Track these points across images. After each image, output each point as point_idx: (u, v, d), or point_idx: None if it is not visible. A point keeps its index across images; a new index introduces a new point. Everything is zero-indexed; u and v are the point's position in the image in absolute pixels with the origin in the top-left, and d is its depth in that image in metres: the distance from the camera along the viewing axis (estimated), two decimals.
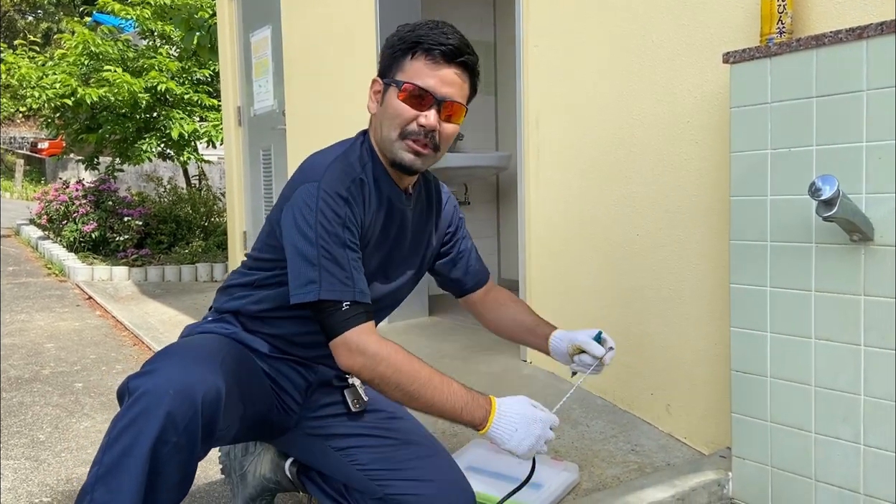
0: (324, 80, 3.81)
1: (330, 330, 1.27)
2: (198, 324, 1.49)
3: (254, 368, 1.39)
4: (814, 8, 1.57)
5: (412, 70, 1.35)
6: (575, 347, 1.53)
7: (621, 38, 2.10)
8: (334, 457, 1.45)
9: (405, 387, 1.26)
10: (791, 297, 1.47)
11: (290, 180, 1.39)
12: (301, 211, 1.30)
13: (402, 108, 1.35)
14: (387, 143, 1.39)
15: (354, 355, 1.26)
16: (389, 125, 1.38)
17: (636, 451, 1.90)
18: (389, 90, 1.38)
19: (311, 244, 1.28)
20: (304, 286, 1.27)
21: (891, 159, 1.31)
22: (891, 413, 1.34)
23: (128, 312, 4.04)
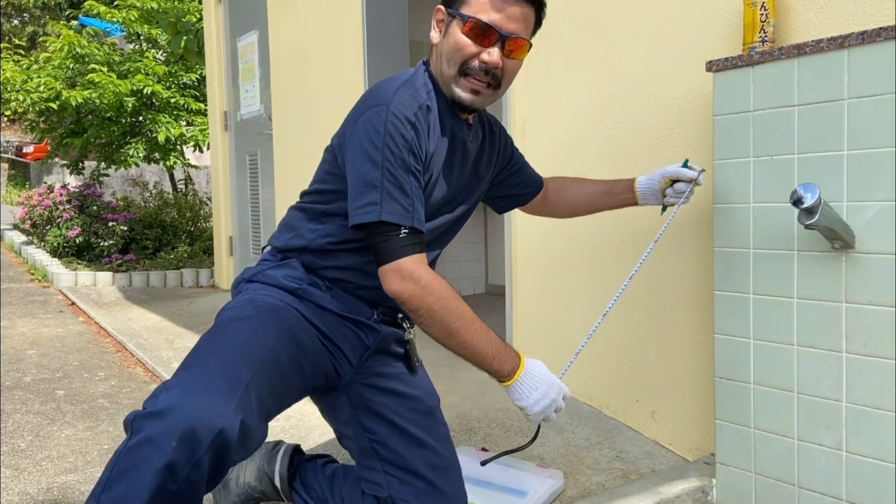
0: (311, 85, 3.80)
1: (384, 255, 1.26)
2: (257, 270, 1.44)
3: (302, 347, 1.32)
4: (796, 17, 1.59)
5: (478, 4, 1.31)
6: (667, 181, 1.59)
7: (608, 47, 2.11)
8: (361, 434, 1.45)
9: (448, 322, 1.26)
10: (774, 304, 1.48)
11: (355, 107, 1.35)
12: (368, 133, 1.27)
13: (465, 43, 1.32)
14: (446, 78, 1.37)
15: (406, 282, 1.24)
16: (449, 59, 1.35)
17: (621, 458, 1.90)
18: (453, 22, 1.34)
19: (375, 166, 1.25)
20: (364, 207, 1.25)
21: (871, 167, 1.32)
22: (873, 420, 1.35)
23: (111, 318, 4.00)
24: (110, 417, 2.47)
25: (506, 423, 2.15)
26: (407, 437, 1.44)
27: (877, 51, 1.30)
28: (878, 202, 1.31)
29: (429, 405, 1.52)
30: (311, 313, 1.37)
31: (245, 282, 1.45)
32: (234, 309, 1.33)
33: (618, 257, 2.11)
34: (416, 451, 1.44)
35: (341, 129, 1.38)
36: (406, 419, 1.46)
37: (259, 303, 1.34)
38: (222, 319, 1.31)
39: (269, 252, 1.49)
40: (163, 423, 1.03)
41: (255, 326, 1.27)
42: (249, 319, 1.29)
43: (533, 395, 1.30)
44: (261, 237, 4.54)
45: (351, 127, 1.32)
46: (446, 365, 2.71)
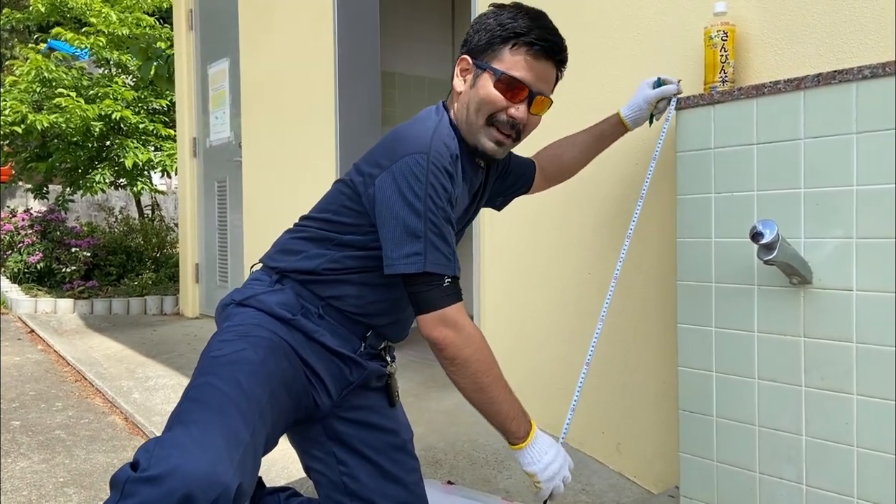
0: (282, 114, 3.80)
1: (427, 303, 1.28)
2: (249, 293, 1.39)
3: (289, 387, 1.30)
4: (755, 59, 1.64)
5: (511, 61, 1.35)
6: (653, 104, 1.65)
7: (571, 84, 2.15)
8: (333, 467, 1.43)
9: (480, 376, 1.29)
10: (735, 337, 1.50)
11: (385, 150, 1.34)
12: (409, 182, 1.27)
13: (496, 97, 1.35)
14: (472, 127, 1.39)
15: (447, 329, 1.27)
16: (478, 110, 1.37)
17: (586, 491, 1.90)
18: (484, 75, 1.37)
19: (418, 216, 1.26)
20: (409, 257, 1.26)
21: (828, 205, 1.35)
22: (832, 453, 1.37)
23: (71, 347, 3.91)
24: (67, 449, 2.40)
25: (472, 456, 2.13)
26: (379, 471, 1.43)
27: (831, 92, 1.34)
28: (834, 239, 1.35)
29: (403, 439, 1.52)
30: (299, 344, 1.35)
31: (236, 304, 1.41)
32: (229, 344, 1.29)
33: (584, 290, 2.13)
34: (387, 487, 1.43)
35: (366, 168, 1.36)
36: (379, 452, 1.45)
37: (253, 339, 1.30)
38: (217, 357, 1.26)
39: (261, 272, 1.46)
40: (159, 490, 0.98)
41: (251, 371, 1.23)
42: (246, 363, 1.24)
43: (543, 458, 1.33)
44: (227, 264, 4.49)
45: (386, 172, 1.30)
46: (413, 395, 2.69)
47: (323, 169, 3.43)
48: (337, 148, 3.34)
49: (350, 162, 3.45)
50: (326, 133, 3.38)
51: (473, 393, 1.31)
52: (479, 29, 1.39)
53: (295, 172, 3.68)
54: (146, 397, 2.90)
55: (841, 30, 1.49)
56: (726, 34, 1.60)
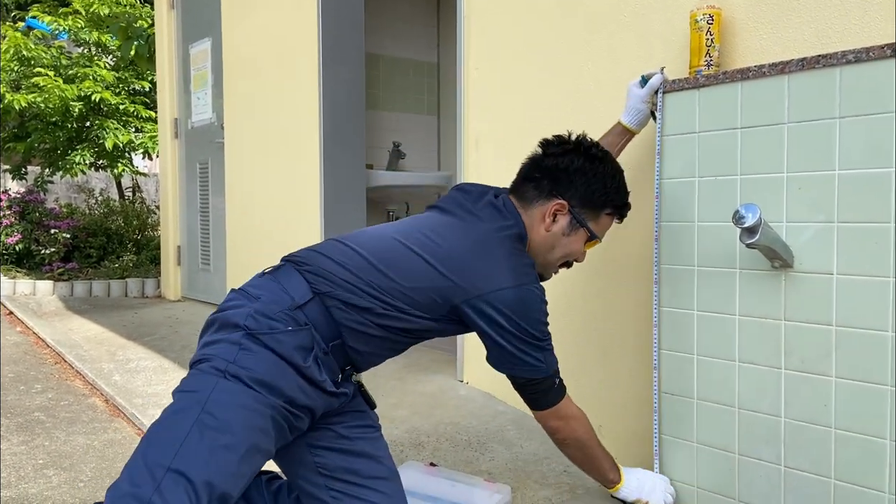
0: (264, 95, 3.76)
1: (544, 402, 1.47)
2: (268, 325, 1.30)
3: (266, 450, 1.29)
4: (740, 43, 1.64)
5: (604, 224, 1.53)
6: (650, 101, 1.68)
7: (557, 67, 2.14)
8: (306, 455, 1.43)
9: (587, 449, 1.54)
10: (717, 321, 1.52)
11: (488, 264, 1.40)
12: (526, 314, 1.39)
13: (579, 250, 1.53)
14: (548, 264, 1.54)
15: (561, 421, 1.49)
16: (560, 253, 1.52)
17: (568, 473, 1.91)
18: (580, 231, 1.50)
19: (539, 340, 1.41)
20: (531, 367, 1.42)
21: (810, 190, 1.36)
22: (810, 435, 1.38)
23: (50, 329, 3.87)
24: (46, 431, 2.38)
25: (455, 438, 2.14)
26: (351, 452, 1.44)
27: (815, 77, 1.35)
28: (816, 223, 1.36)
29: (375, 429, 1.53)
30: (300, 392, 1.31)
31: (247, 334, 1.30)
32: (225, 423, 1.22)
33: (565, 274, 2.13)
34: (360, 463, 1.44)
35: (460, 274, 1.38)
36: (352, 436, 1.46)
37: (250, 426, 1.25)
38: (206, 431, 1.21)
39: (279, 283, 1.38)
40: None
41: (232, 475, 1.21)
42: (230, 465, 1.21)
43: (641, 486, 1.59)
44: (210, 247, 4.45)
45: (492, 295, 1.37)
46: (397, 378, 2.69)
47: (306, 151, 3.40)
48: (321, 130, 3.32)
49: (334, 143, 3.43)
50: (310, 115, 3.35)
51: (582, 461, 1.57)
52: (585, 184, 1.48)
53: (278, 154, 3.64)
54: (127, 379, 2.88)
55: (826, 14, 1.49)
56: (712, 18, 1.60)
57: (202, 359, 1.30)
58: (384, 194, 3.92)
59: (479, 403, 2.41)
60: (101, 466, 2.10)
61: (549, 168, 1.50)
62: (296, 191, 3.48)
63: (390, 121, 4.20)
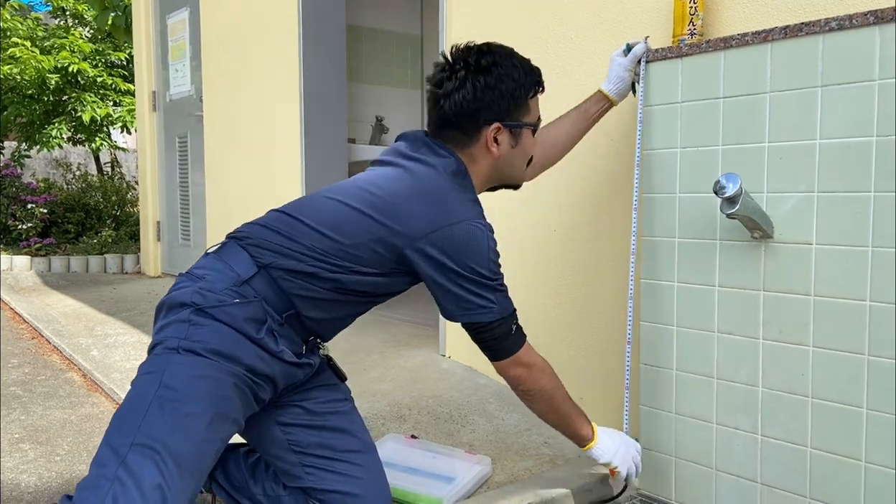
0: (243, 66, 3.69)
1: (502, 351, 1.40)
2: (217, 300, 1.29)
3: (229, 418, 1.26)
4: (724, 11, 1.62)
5: (535, 108, 1.49)
6: (632, 70, 1.64)
7: (540, 35, 2.12)
8: (277, 432, 1.42)
9: (554, 401, 1.47)
10: (697, 292, 1.51)
11: (429, 207, 1.35)
12: (473, 252, 1.34)
13: (532, 144, 1.51)
14: (517, 176, 1.54)
15: (521, 369, 1.42)
16: (523, 161, 1.51)
17: (548, 444, 1.92)
18: (523, 132, 1.47)
19: (488, 279, 1.35)
20: (481, 309, 1.36)
21: (791, 160, 1.35)
22: (786, 404, 1.39)
23: (28, 304, 3.82)
24: (23, 406, 2.35)
25: (436, 411, 2.14)
26: (322, 422, 1.44)
27: (798, 45, 1.33)
28: (796, 193, 1.35)
29: (342, 394, 1.53)
30: (258, 360, 1.30)
31: (196, 310, 1.29)
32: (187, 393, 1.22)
33: (550, 246, 2.13)
34: (334, 438, 1.44)
35: (400, 220, 1.34)
36: (319, 406, 1.46)
37: (213, 395, 1.24)
38: (167, 404, 1.20)
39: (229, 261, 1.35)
40: None
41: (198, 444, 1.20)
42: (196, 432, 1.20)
43: (612, 447, 1.53)
44: (190, 222, 4.40)
45: (436, 235, 1.33)
46: (379, 353, 2.69)
47: (286, 124, 3.35)
48: (301, 103, 3.27)
49: (315, 117, 3.38)
50: (291, 88, 3.30)
51: (549, 414, 1.49)
52: (503, 95, 1.42)
53: (258, 128, 3.59)
54: (105, 354, 2.85)
55: None
56: None
57: (156, 343, 1.30)
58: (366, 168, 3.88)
59: (461, 377, 2.41)
60: (78, 441, 2.08)
61: (459, 110, 1.41)
62: (276, 165, 3.43)
63: (373, 94, 4.15)
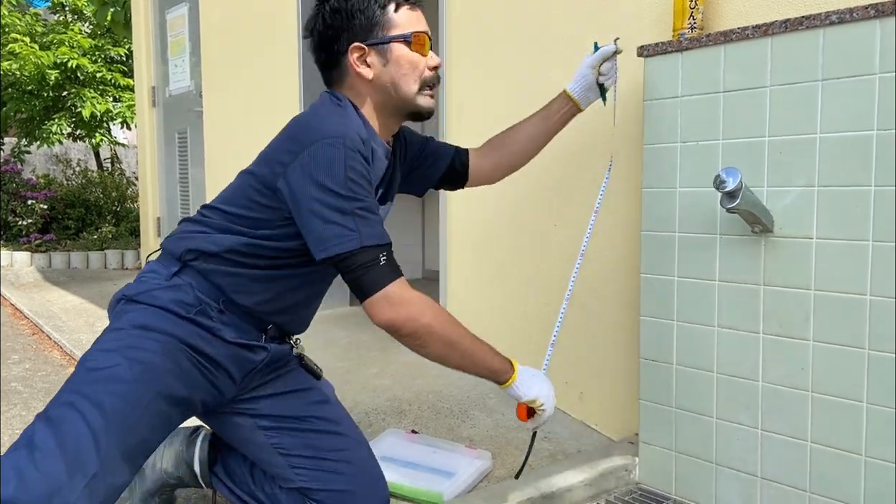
0: (243, 61, 3.68)
1: (368, 287, 1.22)
2: (143, 288, 1.31)
3: (175, 397, 1.25)
4: (724, 4, 1.61)
5: (405, 21, 1.36)
6: (596, 70, 1.59)
7: (540, 29, 2.11)
8: (260, 437, 1.41)
9: (448, 336, 1.27)
10: (697, 286, 1.51)
11: (291, 139, 1.30)
12: (328, 168, 1.22)
13: (418, 59, 1.37)
14: (408, 98, 1.38)
15: (398, 308, 1.22)
16: (409, 81, 1.37)
17: (549, 439, 1.92)
18: (393, 47, 1.35)
19: (344, 199, 1.21)
20: (340, 237, 1.21)
21: (791, 154, 1.35)
22: (787, 399, 1.39)
23: (28, 300, 3.82)
24: (24, 401, 2.35)
25: (436, 406, 2.14)
26: (305, 426, 1.42)
27: (799, 39, 1.33)
28: (796, 188, 1.35)
29: (324, 393, 1.51)
30: (193, 336, 1.29)
31: (127, 300, 1.31)
32: (105, 356, 1.23)
33: (549, 242, 2.12)
34: (317, 438, 1.41)
35: (273, 159, 1.30)
36: (300, 409, 1.43)
37: (131, 353, 1.23)
38: (91, 370, 1.21)
39: (158, 262, 1.37)
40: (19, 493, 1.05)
41: (121, 392, 1.19)
42: (118, 382, 1.19)
43: (534, 383, 1.38)
44: None
45: (300, 158, 1.25)
46: (378, 349, 2.69)
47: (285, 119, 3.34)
48: (301, 97, 3.26)
49: None
50: (290, 82, 3.30)
51: (451, 356, 1.30)
52: (352, 13, 1.34)
53: (258, 123, 3.59)
54: None
55: None
56: None
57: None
58: None
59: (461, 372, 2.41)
60: None
61: (319, 45, 1.39)
62: None
63: None
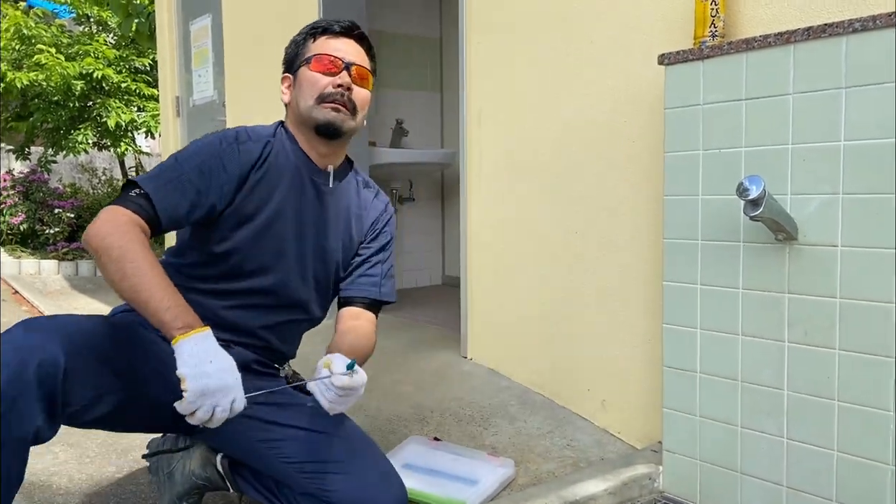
0: (266, 72, 3.73)
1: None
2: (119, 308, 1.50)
3: (144, 349, 1.34)
4: (745, 12, 1.61)
5: (317, 47, 1.46)
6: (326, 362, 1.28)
7: (561, 40, 2.12)
8: (260, 449, 1.40)
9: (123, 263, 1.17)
10: (720, 294, 1.51)
11: None
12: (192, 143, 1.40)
13: (317, 77, 1.44)
14: (306, 112, 1.44)
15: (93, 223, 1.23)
16: (307, 96, 1.44)
17: (572, 447, 1.92)
18: (300, 71, 1.47)
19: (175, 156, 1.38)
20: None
21: (815, 161, 1.35)
22: (812, 407, 1.38)
23: (56, 308, 3.89)
24: None
25: (458, 413, 2.15)
26: (306, 433, 1.40)
27: (821, 46, 1.33)
28: (820, 195, 1.34)
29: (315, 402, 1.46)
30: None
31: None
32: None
33: (570, 249, 2.13)
34: (323, 444, 1.38)
35: None
36: (296, 418, 1.41)
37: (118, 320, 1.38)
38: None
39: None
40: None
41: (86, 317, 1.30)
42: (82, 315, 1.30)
43: (203, 365, 1.11)
44: None
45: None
46: (402, 355, 2.70)
47: None
48: None
49: None
50: None
51: (117, 283, 1.18)
52: (286, 51, 1.54)
53: None
54: None
55: None
56: None
57: None
58: (387, 172, 3.90)
59: (483, 379, 2.42)
60: (108, 443, 2.12)
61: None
62: None
63: (393, 98, 4.17)
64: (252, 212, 1.42)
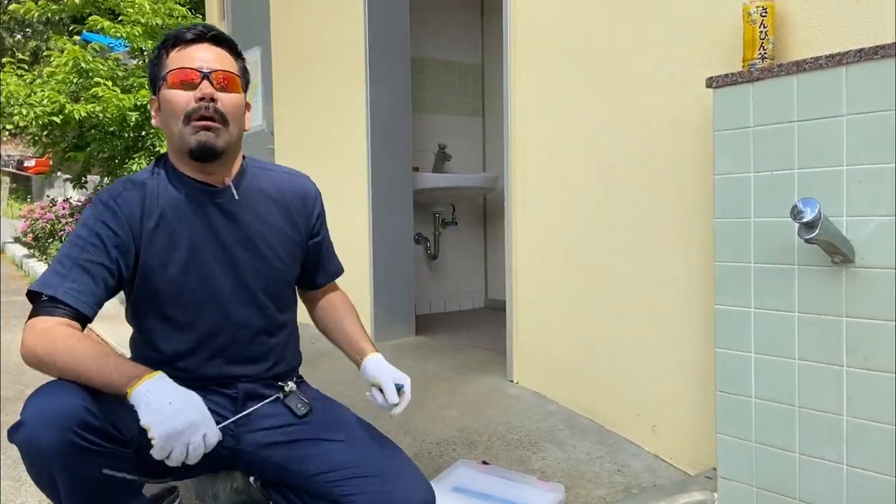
0: (313, 101, 3.82)
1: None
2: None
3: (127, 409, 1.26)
4: (795, 34, 1.61)
5: (171, 62, 1.37)
6: (374, 384, 1.45)
7: (604, 66, 2.13)
8: (286, 468, 1.39)
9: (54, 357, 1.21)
10: (774, 318, 1.49)
11: None
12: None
13: (177, 94, 1.35)
14: (177, 137, 1.37)
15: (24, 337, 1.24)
16: (173, 118, 1.36)
17: (622, 472, 1.90)
18: (162, 91, 1.38)
19: (71, 240, 1.33)
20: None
21: (871, 183, 1.33)
22: (873, 433, 1.35)
23: (112, 332, 4.00)
24: None
25: (506, 437, 2.15)
26: (328, 446, 1.39)
27: (874, 68, 1.32)
28: (877, 217, 1.32)
29: (334, 416, 1.49)
30: None
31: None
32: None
33: (618, 273, 2.12)
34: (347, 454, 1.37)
35: None
36: (316, 431, 1.42)
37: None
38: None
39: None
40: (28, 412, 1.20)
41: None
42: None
43: (164, 409, 1.14)
44: None
45: None
46: (447, 379, 2.71)
47: (354, 155, 3.45)
48: (368, 134, 3.36)
49: (381, 147, 3.47)
50: (357, 119, 3.40)
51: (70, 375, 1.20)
52: (149, 66, 1.45)
53: (326, 159, 3.71)
54: None
55: (887, 3, 1.46)
56: (766, 10, 1.58)
57: None
58: (430, 196, 3.95)
59: (530, 403, 2.41)
60: None
61: None
62: (344, 194, 3.53)
63: (435, 123, 4.23)
64: (165, 261, 1.38)
